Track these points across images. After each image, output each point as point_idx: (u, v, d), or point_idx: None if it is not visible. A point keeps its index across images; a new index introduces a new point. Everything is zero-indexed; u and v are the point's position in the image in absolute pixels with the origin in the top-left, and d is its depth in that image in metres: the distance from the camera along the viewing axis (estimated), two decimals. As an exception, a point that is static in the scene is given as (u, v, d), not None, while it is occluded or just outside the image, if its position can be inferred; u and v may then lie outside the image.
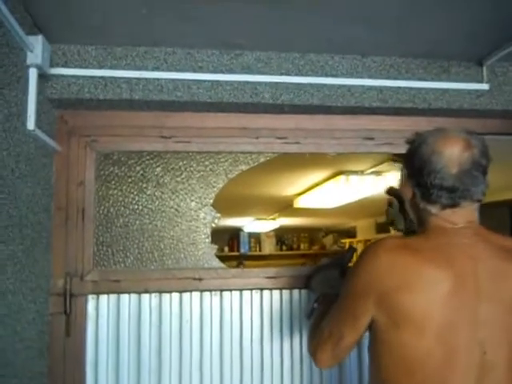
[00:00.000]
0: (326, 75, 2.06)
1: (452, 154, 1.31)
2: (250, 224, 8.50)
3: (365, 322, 1.34)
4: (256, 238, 9.44)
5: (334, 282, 1.80)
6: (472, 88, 2.12)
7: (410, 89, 2.10)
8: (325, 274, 1.85)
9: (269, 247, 9.43)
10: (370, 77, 2.09)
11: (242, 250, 9.19)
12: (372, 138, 2.21)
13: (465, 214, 1.35)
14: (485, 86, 2.13)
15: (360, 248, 7.81)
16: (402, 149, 2.17)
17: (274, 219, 8.06)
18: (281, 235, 9.61)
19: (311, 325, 1.62)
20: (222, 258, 2.13)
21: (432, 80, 2.12)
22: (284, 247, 9.77)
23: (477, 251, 1.32)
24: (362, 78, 2.08)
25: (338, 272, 1.85)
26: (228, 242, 9.27)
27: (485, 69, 2.13)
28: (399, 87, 2.10)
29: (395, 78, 2.10)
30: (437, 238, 1.34)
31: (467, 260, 1.29)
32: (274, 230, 9.02)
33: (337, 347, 1.40)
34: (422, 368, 1.25)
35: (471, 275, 1.28)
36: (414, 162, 1.37)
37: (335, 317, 1.41)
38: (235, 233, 9.12)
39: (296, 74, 2.04)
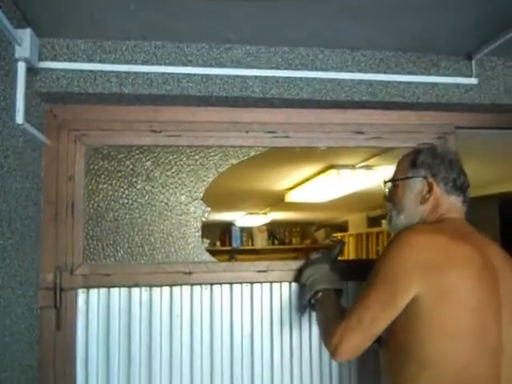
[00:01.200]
0: (316, 69, 2.06)
1: (458, 158, 1.66)
2: (241, 218, 8.50)
3: (403, 303, 1.38)
4: (248, 232, 9.46)
5: (329, 277, 1.83)
6: (461, 82, 2.13)
7: (400, 83, 2.11)
8: (315, 269, 1.86)
9: (261, 241, 9.44)
10: (360, 71, 2.09)
11: (234, 245, 9.20)
12: (362, 132, 2.22)
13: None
14: (473, 81, 2.14)
15: (351, 241, 7.85)
16: (391, 143, 2.23)
17: (265, 214, 8.06)
18: (273, 229, 9.63)
19: (322, 319, 1.63)
20: (214, 253, 2.14)
21: (421, 74, 2.13)
22: (276, 241, 9.79)
23: (480, 237, 1.54)
24: (351, 71, 2.08)
25: (328, 266, 1.86)
26: (220, 236, 9.27)
27: (474, 63, 2.14)
28: (389, 81, 2.10)
29: (385, 72, 2.11)
30: (453, 224, 1.54)
31: (482, 243, 1.50)
32: (265, 225, 9.03)
33: (366, 334, 1.42)
34: (463, 340, 1.37)
35: (489, 256, 1.45)
36: (442, 166, 1.61)
37: (365, 304, 1.43)
38: (227, 227, 9.12)
39: (286, 68, 2.04)
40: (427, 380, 1.38)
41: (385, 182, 1.76)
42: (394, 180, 1.72)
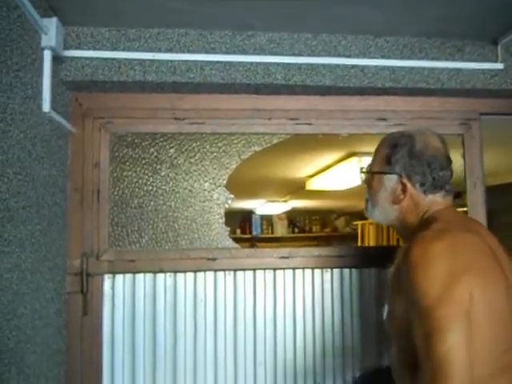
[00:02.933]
0: (339, 55, 2.06)
1: (440, 147, 1.51)
2: (261, 206, 8.51)
3: (469, 306, 1.25)
4: (268, 220, 9.46)
5: None
6: (486, 67, 2.11)
7: (423, 69, 2.09)
8: None
9: (281, 230, 9.44)
10: (383, 57, 2.08)
11: (254, 233, 9.21)
12: (384, 119, 2.21)
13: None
14: (499, 66, 2.11)
15: (371, 229, 7.82)
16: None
17: (285, 201, 8.06)
18: (293, 217, 9.62)
19: None
20: (234, 241, 2.15)
21: (446, 60, 2.11)
22: (296, 229, 9.78)
23: (475, 221, 1.57)
24: (374, 58, 2.07)
25: None
26: (240, 224, 9.29)
27: (499, 48, 2.11)
28: (412, 67, 2.09)
29: (408, 58, 2.09)
30: (449, 218, 1.45)
31: (478, 227, 1.49)
32: (285, 213, 9.03)
33: (466, 372, 1.21)
34: (500, 321, 1.31)
35: (486, 238, 1.42)
36: (418, 167, 1.47)
37: (435, 335, 1.23)
38: (247, 215, 9.14)
39: (308, 55, 2.04)
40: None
41: (361, 172, 1.65)
42: (368, 172, 1.61)
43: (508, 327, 1.33)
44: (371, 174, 1.58)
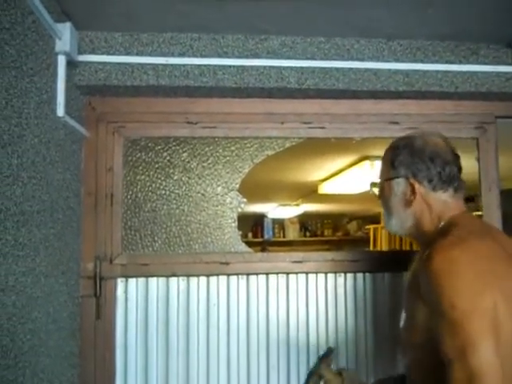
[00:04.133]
0: (352, 59, 2.05)
1: (440, 143, 1.51)
2: (273, 210, 8.51)
3: (493, 312, 1.23)
4: (280, 224, 9.46)
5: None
6: (501, 70, 2.09)
7: (437, 72, 2.08)
8: None
9: (292, 233, 9.44)
10: (396, 60, 2.07)
11: (266, 236, 9.22)
12: (397, 123, 2.19)
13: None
14: (514, 69, 2.10)
15: (384, 234, 7.78)
16: (429, 133, 2.19)
17: (297, 205, 8.05)
18: (304, 221, 9.61)
19: None
20: (246, 244, 2.15)
21: (460, 63, 2.09)
22: (308, 233, 9.77)
23: (494, 228, 1.56)
24: (387, 61, 2.06)
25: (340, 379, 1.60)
26: (252, 228, 9.30)
27: (514, 51, 2.10)
28: (426, 70, 2.08)
29: (422, 61, 2.08)
30: (468, 224, 1.44)
31: (497, 234, 1.47)
32: (297, 216, 9.01)
33: (493, 380, 1.18)
34: None
35: (504, 245, 1.38)
36: (421, 163, 1.47)
37: (467, 348, 1.20)
38: (259, 219, 9.14)
39: (321, 59, 2.03)
40: None
41: (372, 186, 1.67)
42: (377, 182, 1.62)
43: None
44: (380, 183, 1.58)
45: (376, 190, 1.63)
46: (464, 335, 1.21)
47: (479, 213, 2.23)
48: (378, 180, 1.62)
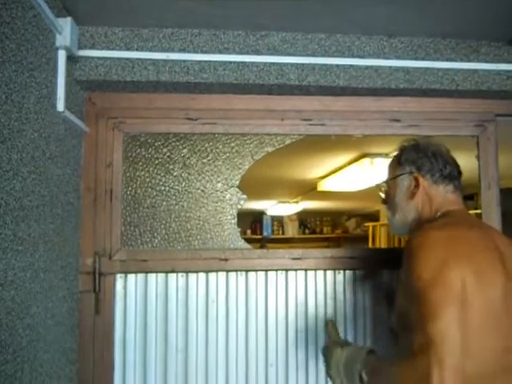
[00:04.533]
0: (353, 56, 2.05)
1: (442, 147, 1.67)
2: (272, 207, 8.51)
3: (460, 292, 1.29)
4: (279, 221, 9.47)
5: (349, 357, 1.56)
6: (502, 68, 2.09)
7: (438, 69, 2.08)
8: (335, 362, 1.58)
9: (291, 230, 9.44)
10: (397, 57, 2.07)
11: (265, 233, 9.22)
12: (398, 120, 2.19)
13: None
14: (515, 67, 2.09)
15: (383, 231, 7.78)
16: (429, 131, 2.20)
17: (296, 202, 8.05)
18: (303, 218, 9.61)
19: (389, 377, 1.39)
20: (245, 241, 2.15)
21: (461, 60, 2.09)
22: (307, 231, 9.77)
23: (485, 224, 1.65)
24: (388, 58, 2.06)
25: (339, 349, 1.59)
26: (251, 225, 9.31)
27: (515, 49, 2.10)
28: (427, 68, 2.07)
29: (423, 59, 2.08)
30: (457, 216, 1.55)
31: (488, 229, 1.54)
32: (296, 214, 9.02)
33: (458, 349, 1.23)
34: (503, 317, 1.35)
35: (495, 240, 1.46)
36: (425, 158, 1.62)
37: (428, 320, 1.25)
38: (258, 216, 9.15)
39: (322, 55, 2.03)
40: (468, 366, 1.29)
41: (376, 186, 1.81)
42: (383, 182, 1.74)
43: (504, 328, 1.35)
44: (386, 182, 1.72)
45: (381, 193, 1.77)
46: (426, 304, 1.27)
47: (478, 211, 2.23)
48: (383, 182, 1.75)
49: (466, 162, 1.90)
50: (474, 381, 1.29)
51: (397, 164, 1.68)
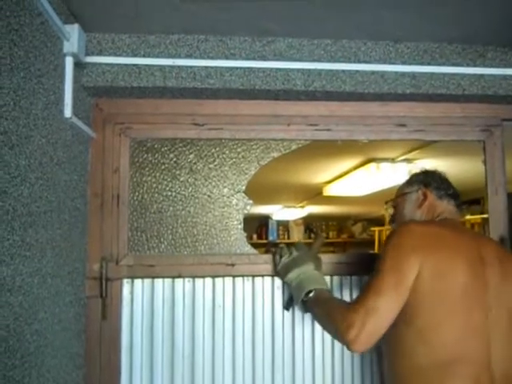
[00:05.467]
0: (359, 61, 2.05)
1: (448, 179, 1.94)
2: (278, 212, 8.52)
3: (410, 282, 1.51)
4: (284, 225, 9.47)
5: (316, 276, 1.86)
6: (508, 73, 2.08)
7: (444, 74, 2.08)
8: (300, 270, 1.87)
9: (297, 235, 9.43)
10: (404, 63, 2.07)
11: (271, 238, 9.22)
12: (404, 125, 2.19)
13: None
14: (522, 72, 2.09)
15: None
16: (435, 136, 2.20)
17: (302, 207, 8.06)
18: (309, 223, 9.61)
19: (326, 315, 1.68)
20: (251, 246, 2.15)
21: (467, 65, 2.08)
22: (312, 235, 9.76)
23: (473, 233, 1.88)
24: (395, 64, 2.06)
25: (313, 265, 1.89)
26: (257, 229, 9.31)
27: (522, 54, 2.09)
28: (433, 73, 2.07)
29: (429, 64, 2.07)
30: (448, 222, 1.78)
31: (473, 236, 1.74)
32: (302, 218, 9.02)
33: (384, 319, 1.50)
34: (451, 318, 1.53)
35: (478, 247, 1.64)
36: (432, 180, 1.89)
37: (378, 290, 1.51)
38: (264, 220, 9.16)
39: (328, 61, 2.03)
40: (421, 353, 1.52)
41: (386, 203, 2.04)
42: (393, 200, 1.97)
43: (460, 321, 1.53)
44: (397, 198, 1.94)
45: (390, 210, 2.00)
46: (378, 279, 1.53)
47: (485, 215, 2.22)
48: (391, 201, 2.00)
49: (473, 167, 1.91)
50: (426, 368, 1.51)
51: (406, 184, 1.94)
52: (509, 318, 1.60)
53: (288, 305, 2.03)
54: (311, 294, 1.78)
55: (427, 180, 1.88)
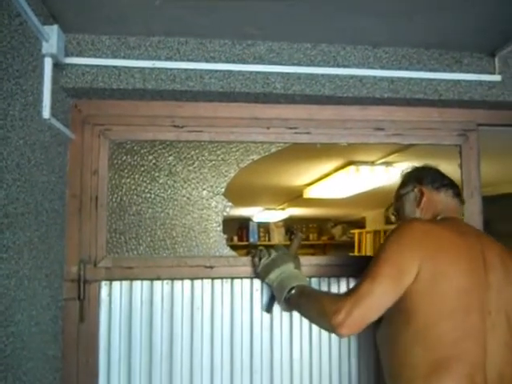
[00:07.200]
0: (338, 66, 2.07)
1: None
2: (259, 214, 8.53)
3: (409, 280, 1.52)
4: (265, 227, 9.48)
5: (296, 274, 1.89)
6: (484, 79, 2.12)
7: (422, 80, 2.11)
8: (280, 269, 1.89)
9: (278, 237, 9.46)
10: (382, 67, 2.09)
11: (251, 240, 9.23)
12: (383, 129, 2.22)
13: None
14: (497, 78, 2.12)
15: (368, 238, 7.82)
16: (412, 140, 2.23)
17: (283, 209, 8.08)
18: (290, 225, 9.63)
19: (312, 305, 1.69)
20: (231, 248, 2.16)
21: (444, 71, 2.12)
22: (293, 237, 9.77)
23: (476, 233, 1.75)
24: (373, 68, 2.09)
25: (292, 264, 1.92)
26: (237, 231, 9.31)
27: (497, 60, 2.13)
28: (411, 78, 2.10)
29: (407, 69, 2.10)
30: (450, 221, 1.74)
31: (475, 237, 1.69)
32: (282, 220, 9.04)
33: (375, 306, 1.52)
34: (450, 318, 1.53)
35: (480, 248, 1.64)
36: (425, 174, 1.88)
37: (375, 278, 1.52)
38: (244, 222, 9.16)
39: (308, 65, 2.05)
40: (417, 353, 1.53)
41: (386, 210, 2.06)
42: (393, 204, 1.97)
43: (458, 321, 1.53)
44: (396, 202, 1.93)
45: (393, 217, 1.98)
46: (373, 270, 1.54)
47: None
48: (391, 206, 1.98)
49: (450, 171, 1.94)
50: (422, 367, 1.51)
51: (401, 186, 1.92)
52: (508, 319, 1.61)
53: (269, 307, 2.04)
54: (293, 291, 1.80)
55: (420, 176, 1.87)
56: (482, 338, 1.55)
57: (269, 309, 2.05)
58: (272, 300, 2.01)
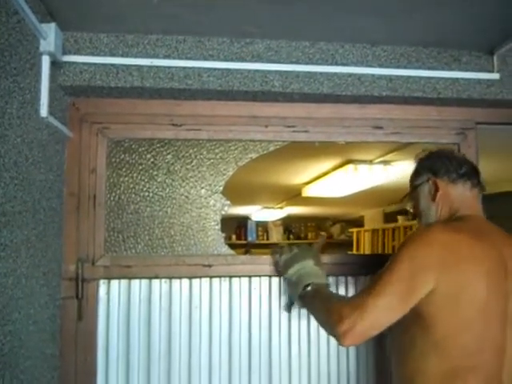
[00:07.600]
0: (336, 64, 2.06)
1: (458, 154, 1.93)
2: (257, 212, 8.53)
3: (418, 299, 1.45)
4: (263, 226, 9.48)
5: (316, 271, 1.86)
6: (482, 77, 2.12)
7: (420, 78, 2.10)
8: (300, 264, 1.88)
9: (276, 236, 9.46)
10: (380, 66, 2.09)
11: (250, 239, 9.24)
12: (381, 127, 2.22)
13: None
14: (495, 76, 2.12)
15: (367, 237, 7.83)
16: (411, 138, 2.23)
17: (281, 208, 8.08)
18: (288, 224, 9.64)
19: (321, 307, 1.65)
20: (230, 246, 2.15)
21: (442, 69, 2.12)
22: (291, 236, 9.79)
23: (498, 235, 1.63)
24: (371, 66, 2.08)
25: (312, 261, 1.90)
26: (235, 230, 9.31)
27: (495, 58, 2.12)
28: (409, 76, 2.10)
29: (405, 67, 2.10)
30: (471, 222, 1.62)
31: (498, 241, 1.59)
32: (281, 219, 9.04)
33: (380, 320, 1.46)
34: (468, 332, 1.48)
35: (503, 254, 1.55)
36: (440, 164, 1.74)
37: (383, 291, 1.45)
38: (243, 221, 9.16)
39: (306, 63, 2.05)
40: (433, 361, 1.48)
41: (401, 200, 1.93)
42: (408, 194, 1.87)
43: (477, 334, 1.47)
44: (410, 194, 1.83)
45: (410, 209, 1.88)
46: (382, 282, 1.47)
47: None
48: (408, 198, 1.88)
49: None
50: (437, 374, 1.48)
51: (415, 175, 1.81)
52: None
53: (288, 306, 2.05)
54: (309, 288, 1.77)
55: (435, 166, 1.74)
56: (501, 348, 1.51)
57: (289, 308, 2.05)
58: (292, 299, 1.99)
